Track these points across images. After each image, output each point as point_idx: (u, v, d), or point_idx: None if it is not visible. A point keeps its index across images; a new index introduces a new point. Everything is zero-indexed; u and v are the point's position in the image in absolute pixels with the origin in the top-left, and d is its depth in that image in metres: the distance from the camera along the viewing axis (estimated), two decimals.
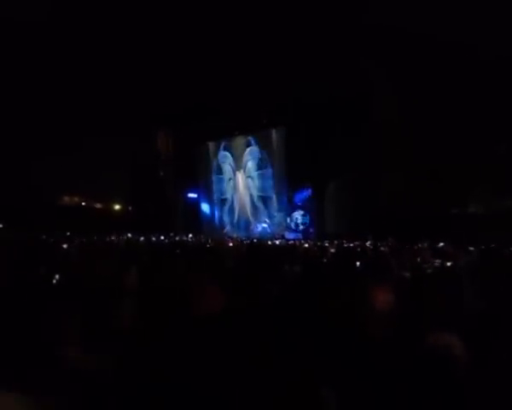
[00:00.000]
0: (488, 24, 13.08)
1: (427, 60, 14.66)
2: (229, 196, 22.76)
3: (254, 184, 21.37)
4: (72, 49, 18.31)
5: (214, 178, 23.33)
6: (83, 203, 25.98)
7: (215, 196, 23.43)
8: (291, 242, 13.67)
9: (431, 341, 1.59)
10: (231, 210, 22.66)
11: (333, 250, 7.22)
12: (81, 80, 19.70)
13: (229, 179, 22.62)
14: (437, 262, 4.47)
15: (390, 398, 1.41)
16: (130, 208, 26.44)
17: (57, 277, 2.85)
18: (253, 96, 18.41)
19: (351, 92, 15.93)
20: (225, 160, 22.64)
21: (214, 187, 23.41)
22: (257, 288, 2.43)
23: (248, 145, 21.42)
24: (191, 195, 24.25)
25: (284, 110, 18.30)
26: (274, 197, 20.64)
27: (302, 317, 1.84)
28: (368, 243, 10.56)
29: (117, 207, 27.60)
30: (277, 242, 13.31)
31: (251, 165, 21.44)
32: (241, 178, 21.97)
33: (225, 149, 22.59)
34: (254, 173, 21.35)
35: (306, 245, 10.27)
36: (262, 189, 21.10)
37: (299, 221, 19.51)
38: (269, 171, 20.73)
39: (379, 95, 15.82)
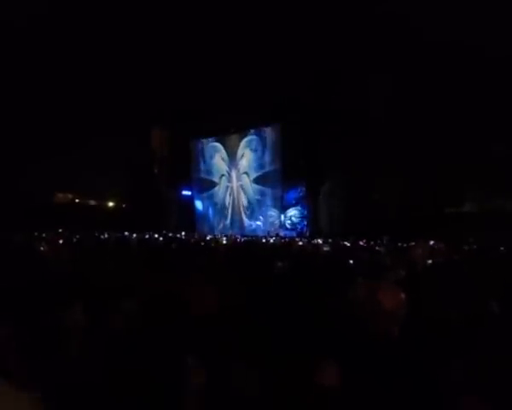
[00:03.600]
0: (484, 25, 13.16)
1: (423, 61, 14.73)
2: (222, 194, 22.72)
3: (248, 181, 21.33)
4: (67, 50, 18.17)
5: (208, 175, 23.27)
6: (77, 200, 25.82)
7: (208, 194, 23.37)
8: (285, 240, 13.66)
9: (427, 341, 1.60)
10: (225, 208, 22.60)
11: (326, 248, 7.22)
12: (76, 79, 19.56)
13: (222, 176, 22.57)
14: (430, 261, 4.50)
15: (386, 398, 1.40)
16: (124, 206, 26.32)
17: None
18: (249, 95, 18.36)
19: (346, 92, 15.94)
20: (217, 155, 22.59)
21: (208, 185, 23.34)
22: (251, 285, 2.43)
23: (243, 143, 21.38)
24: (185, 192, 24.17)
25: (279, 108, 18.29)
26: (268, 195, 20.61)
27: (295, 314, 1.84)
28: (362, 242, 10.60)
29: (111, 204, 27.47)
30: (271, 240, 13.30)
31: (245, 162, 21.40)
32: (235, 176, 21.93)
33: (217, 142, 22.59)
34: (248, 171, 21.30)
35: (300, 243, 10.27)
36: (256, 187, 21.07)
37: (293, 219, 19.52)
38: (263, 168, 20.70)
39: (374, 95, 15.85)
